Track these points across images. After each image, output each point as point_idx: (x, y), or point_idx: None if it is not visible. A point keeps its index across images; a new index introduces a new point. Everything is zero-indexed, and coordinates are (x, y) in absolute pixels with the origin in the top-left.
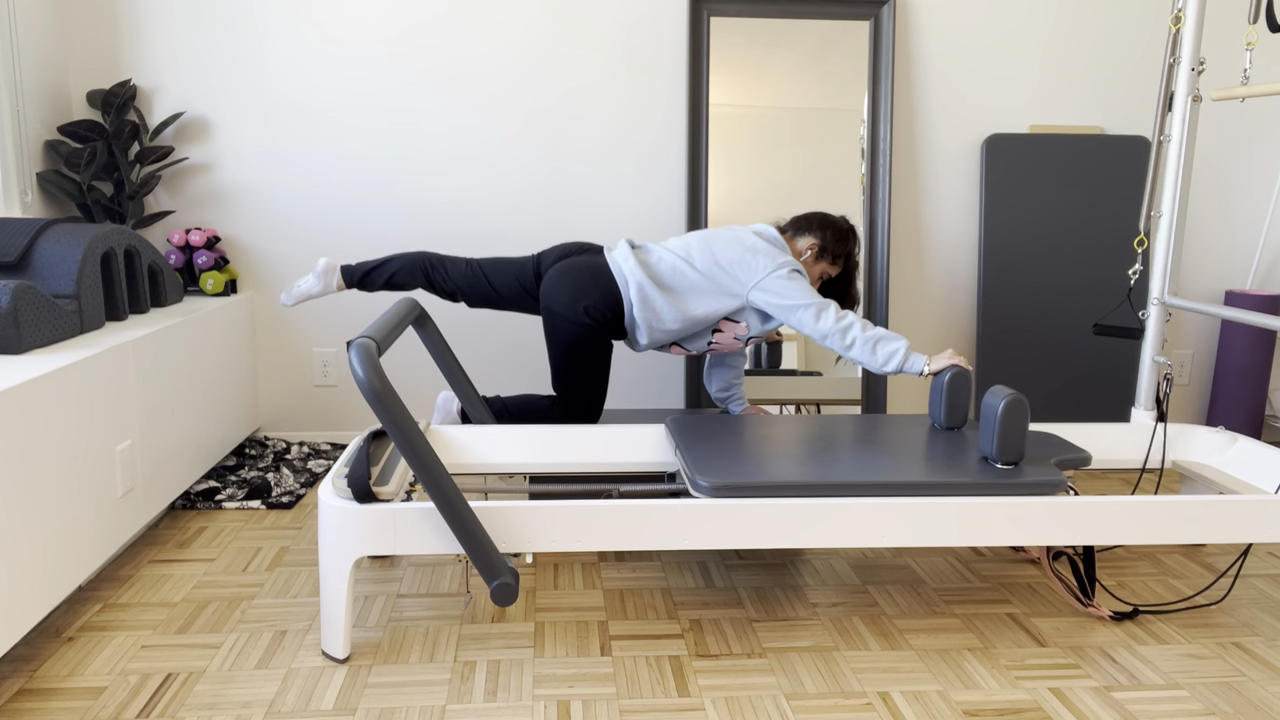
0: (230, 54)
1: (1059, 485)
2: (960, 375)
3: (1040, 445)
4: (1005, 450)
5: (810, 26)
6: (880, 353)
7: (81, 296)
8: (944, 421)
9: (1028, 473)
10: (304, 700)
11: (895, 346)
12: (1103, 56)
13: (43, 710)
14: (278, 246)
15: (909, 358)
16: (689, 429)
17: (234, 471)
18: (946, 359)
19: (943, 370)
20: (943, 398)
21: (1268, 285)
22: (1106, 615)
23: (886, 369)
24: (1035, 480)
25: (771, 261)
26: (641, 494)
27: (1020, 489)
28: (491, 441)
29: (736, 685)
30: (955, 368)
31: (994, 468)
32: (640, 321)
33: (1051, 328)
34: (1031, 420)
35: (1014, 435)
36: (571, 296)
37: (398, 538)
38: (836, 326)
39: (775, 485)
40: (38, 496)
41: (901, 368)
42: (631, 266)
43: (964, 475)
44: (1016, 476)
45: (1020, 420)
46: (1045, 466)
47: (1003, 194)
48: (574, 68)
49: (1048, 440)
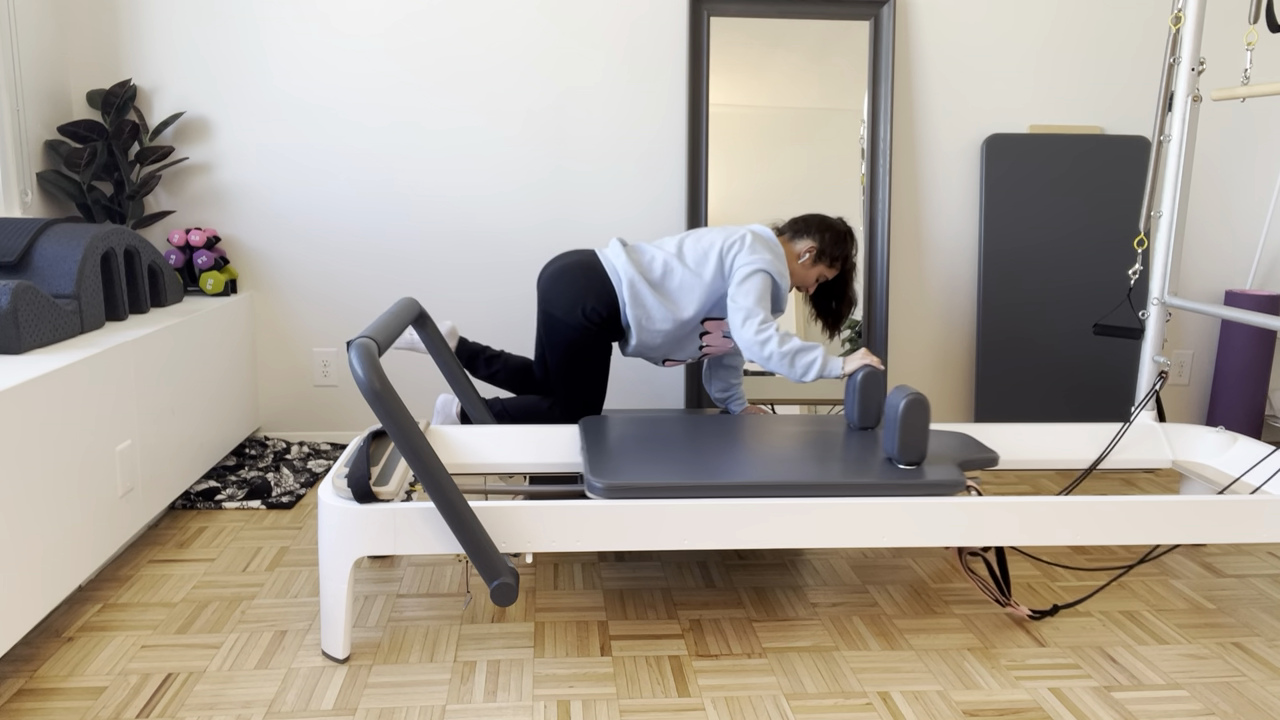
0: (230, 54)
1: (957, 485)
2: (872, 375)
3: (950, 445)
4: (906, 450)
5: (810, 26)
6: (799, 364)
7: (81, 296)
8: (858, 422)
9: (929, 473)
10: (304, 700)
11: (812, 357)
12: (1103, 56)
13: (43, 710)
14: (278, 246)
15: (826, 364)
16: (600, 430)
17: (234, 471)
18: (859, 360)
19: (856, 371)
20: (856, 398)
21: (1268, 285)
22: (1026, 614)
23: (807, 379)
24: (935, 480)
25: (747, 255)
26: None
27: (919, 489)
28: (491, 441)
29: (736, 685)
30: (867, 368)
31: (896, 468)
32: (631, 320)
33: (1052, 328)
34: (1030, 420)
35: (915, 435)
36: (569, 299)
37: (398, 538)
38: (755, 338)
39: (667, 486)
40: (38, 496)
41: (820, 375)
42: (624, 263)
43: (862, 476)
44: (917, 477)
45: (921, 420)
46: (947, 467)
47: (1003, 194)
48: (574, 68)
49: (959, 440)
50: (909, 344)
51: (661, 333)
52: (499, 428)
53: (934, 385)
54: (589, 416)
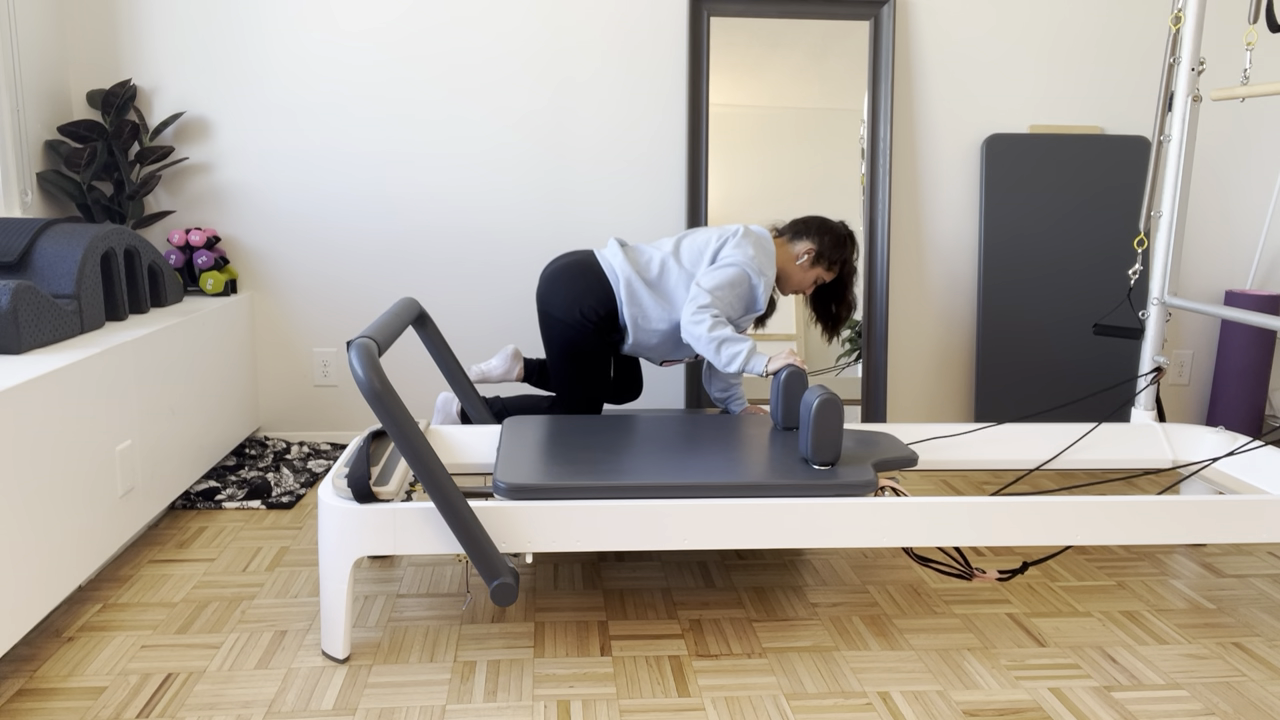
0: (230, 54)
1: (870, 486)
2: (795, 375)
3: (867, 445)
4: (820, 451)
5: (810, 26)
6: (724, 353)
7: (81, 296)
8: (781, 422)
9: (841, 474)
10: (304, 700)
11: (738, 349)
12: (1103, 57)
13: (43, 710)
14: (278, 246)
15: (750, 359)
16: (521, 430)
17: (234, 471)
18: (783, 359)
19: (780, 370)
20: (779, 397)
21: (1268, 285)
22: (994, 577)
23: (730, 369)
24: (847, 481)
25: (732, 250)
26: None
27: (831, 490)
28: (491, 441)
29: (736, 685)
30: (791, 367)
31: (810, 468)
32: (628, 319)
33: (1052, 328)
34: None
35: (828, 436)
36: (568, 300)
37: (398, 538)
38: (691, 317)
39: (570, 487)
40: (38, 496)
41: (744, 368)
42: (621, 263)
43: (775, 476)
44: (830, 478)
45: (834, 420)
46: (861, 467)
47: (1003, 194)
48: (574, 68)
49: (877, 440)
50: (909, 344)
51: (658, 332)
52: (499, 428)
53: (934, 385)
54: (512, 418)
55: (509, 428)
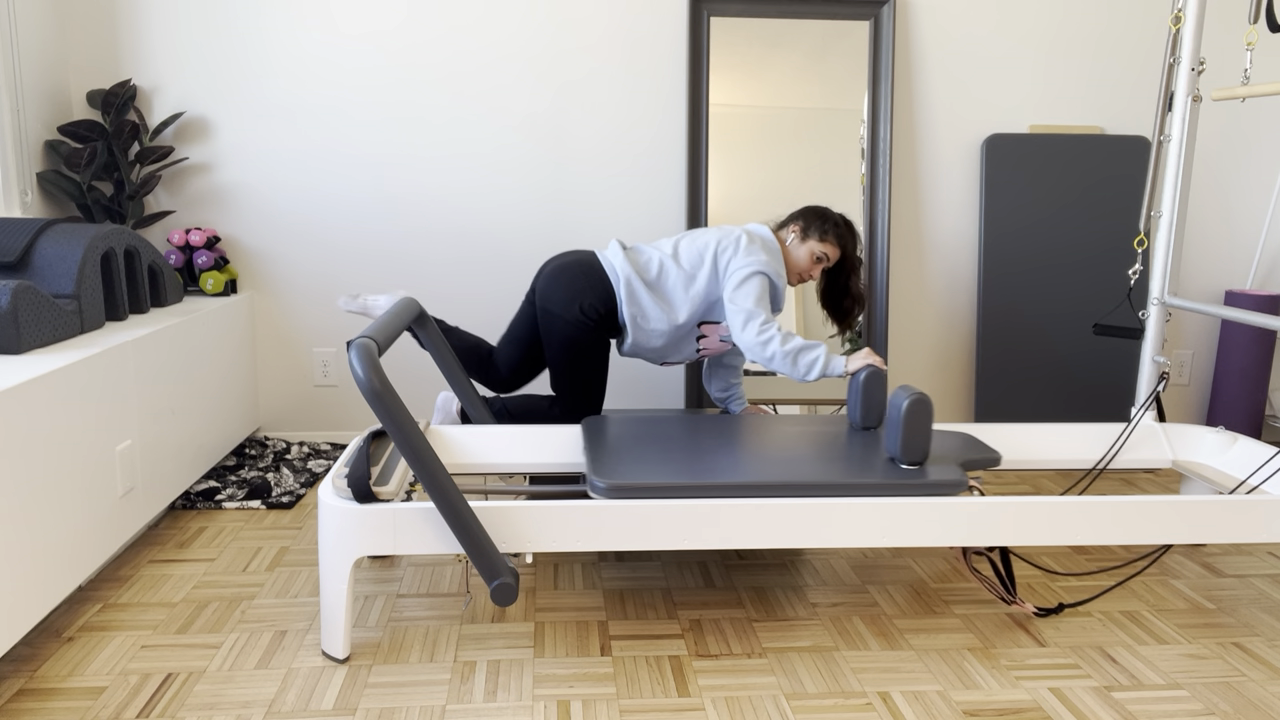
0: (230, 54)
1: (960, 485)
2: (875, 375)
3: (952, 445)
4: (909, 450)
5: (810, 26)
6: (801, 363)
7: (81, 296)
8: (860, 422)
9: (931, 473)
10: (304, 700)
11: (814, 355)
12: (1103, 57)
13: (43, 710)
14: (278, 246)
15: (829, 363)
16: (602, 429)
17: (234, 471)
18: (862, 359)
19: (859, 370)
20: (858, 398)
21: (1268, 285)
22: (1031, 611)
23: (809, 378)
24: (937, 480)
25: (742, 258)
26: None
27: (921, 489)
28: (491, 441)
29: (736, 685)
30: (870, 368)
31: (898, 468)
32: (627, 319)
33: (1051, 328)
34: (1030, 421)
35: (918, 435)
36: (567, 297)
37: (398, 538)
38: (757, 339)
39: (670, 486)
40: (38, 496)
41: (824, 373)
42: (621, 262)
43: (866, 476)
44: (919, 477)
45: (924, 420)
46: (949, 467)
47: (1003, 194)
48: (574, 68)
49: (960, 440)
50: (909, 344)
51: (657, 333)
52: (499, 428)
53: (934, 385)
54: (591, 416)
55: (587, 428)
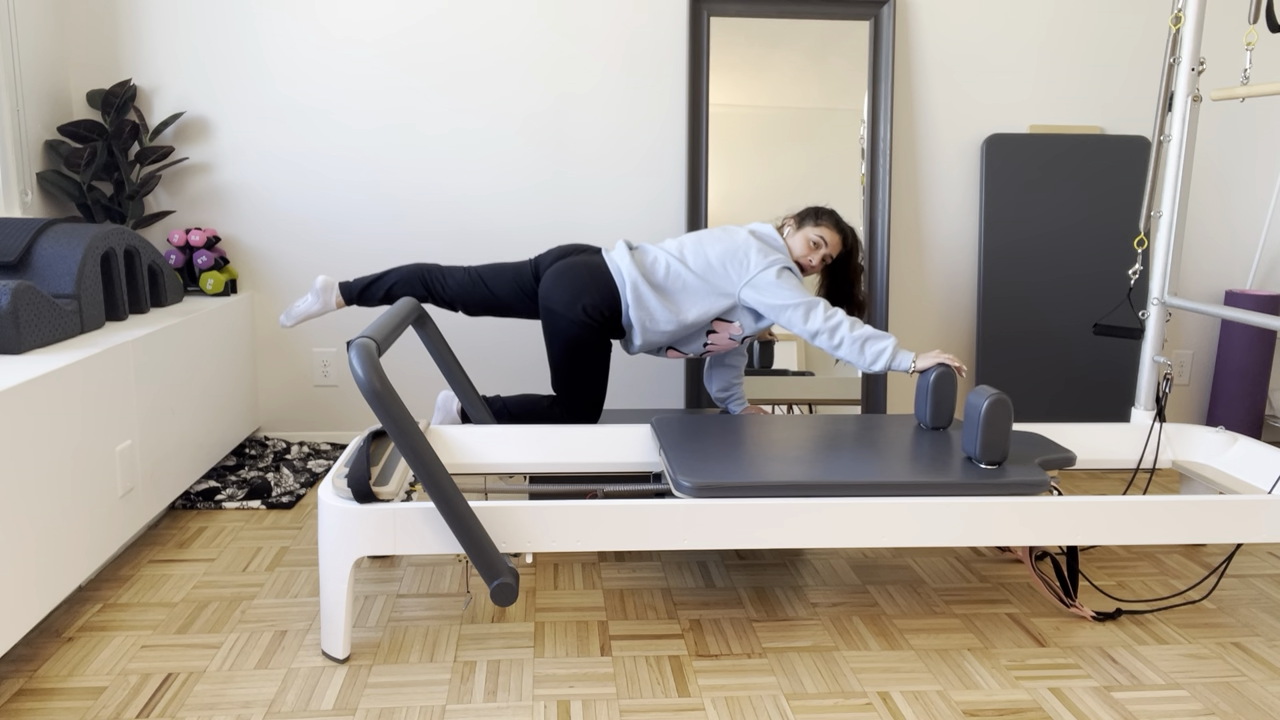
0: (230, 54)
1: (1042, 485)
2: (946, 375)
3: (1025, 445)
4: (989, 450)
5: (810, 26)
6: (869, 351)
7: (81, 296)
8: (929, 422)
9: (1011, 473)
10: (304, 700)
11: (883, 345)
12: (1103, 57)
13: (43, 710)
14: (278, 246)
15: (897, 355)
16: (674, 429)
17: (234, 471)
18: (933, 358)
19: (929, 370)
20: (928, 398)
21: (1268, 285)
22: (1089, 615)
23: (875, 368)
24: (1019, 480)
25: (762, 259)
26: (628, 494)
27: (1004, 489)
28: (491, 441)
29: (736, 685)
30: (942, 367)
31: (978, 468)
32: (635, 321)
33: (1051, 328)
34: (1030, 420)
35: (997, 435)
36: (570, 296)
37: (398, 538)
38: (825, 325)
39: (757, 485)
40: (38, 496)
41: (889, 366)
42: (628, 265)
43: (947, 475)
44: (1000, 476)
45: (1004, 420)
46: (1029, 466)
47: (1003, 194)
48: (574, 68)
49: (1033, 440)
50: (909, 343)
51: (665, 333)
52: (499, 428)
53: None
54: (661, 417)
55: (660, 428)
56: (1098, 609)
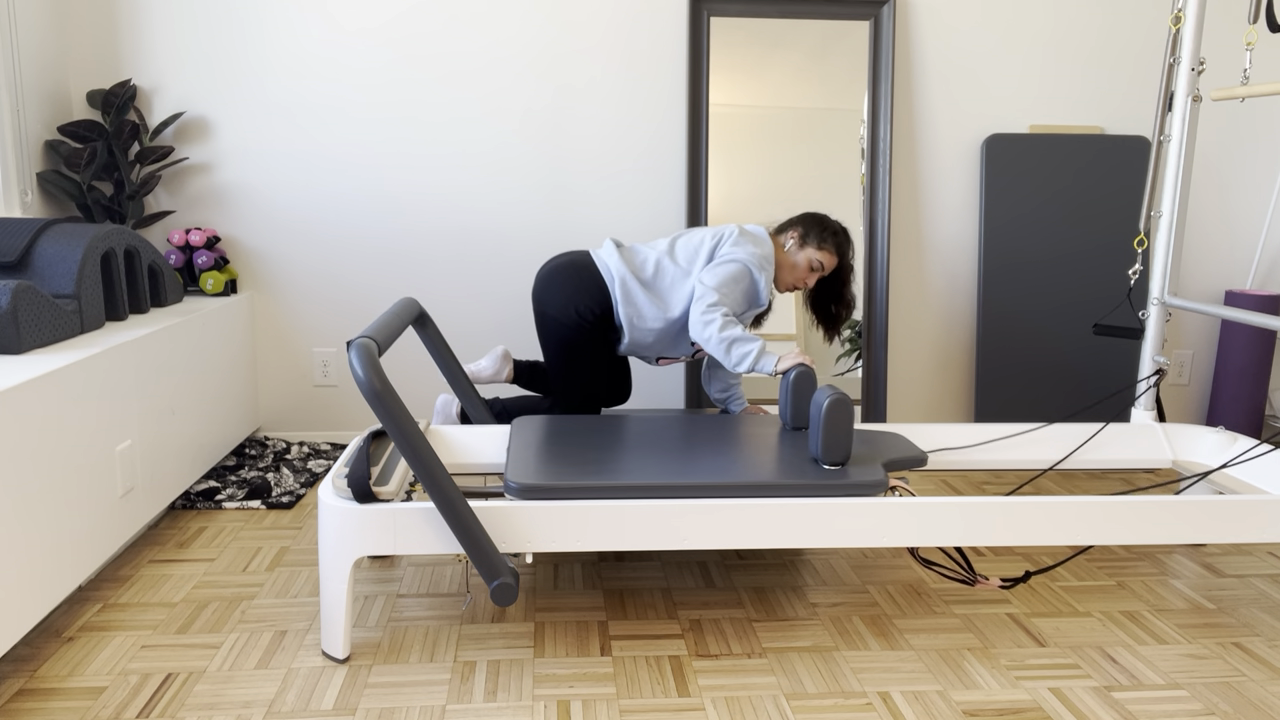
0: (230, 54)
1: (879, 486)
2: (804, 374)
3: (876, 445)
4: (830, 451)
5: (810, 26)
6: (734, 353)
7: (81, 296)
8: (790, 422)
9: (851, 474)
10: (304, 700)
11: (749, 349)
12: (1103, 57)
13: (43, 710)
14: (278, 246)
15: (760, 359)
16: (527, 429)
17: (234, 471)
18: (793, 359)
19: (789, 369)
20: (788, 397)
21: (1268, 285)
22: (997, 584)
23: (739, 369)
24: (856, 481)
25: (731, 247)
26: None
27: (840, 490)
28: (491, 441)
29: (736, 685)
30: (801, 367)
31: (820, 468)
32: (623, 318)
33: (1052, 328)
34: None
35: (838, 436)
36: (563, 298)
37: (398, 538)
38: (701, 317)
39: (581, 487)
40: (38, 496)
41: (753, 368)
42: (616, 262)
43: (783, 476)
44: (839, 478)
45: (844, 420)
46: (870, 467)
47: (1003, 194)
48: (574, 68)
49: (887, 440)
50: (909, 344)
51: (653, 331)
52: (499, 428)
53: (934, 385)
54: (522, 418)
55: (517, 428)
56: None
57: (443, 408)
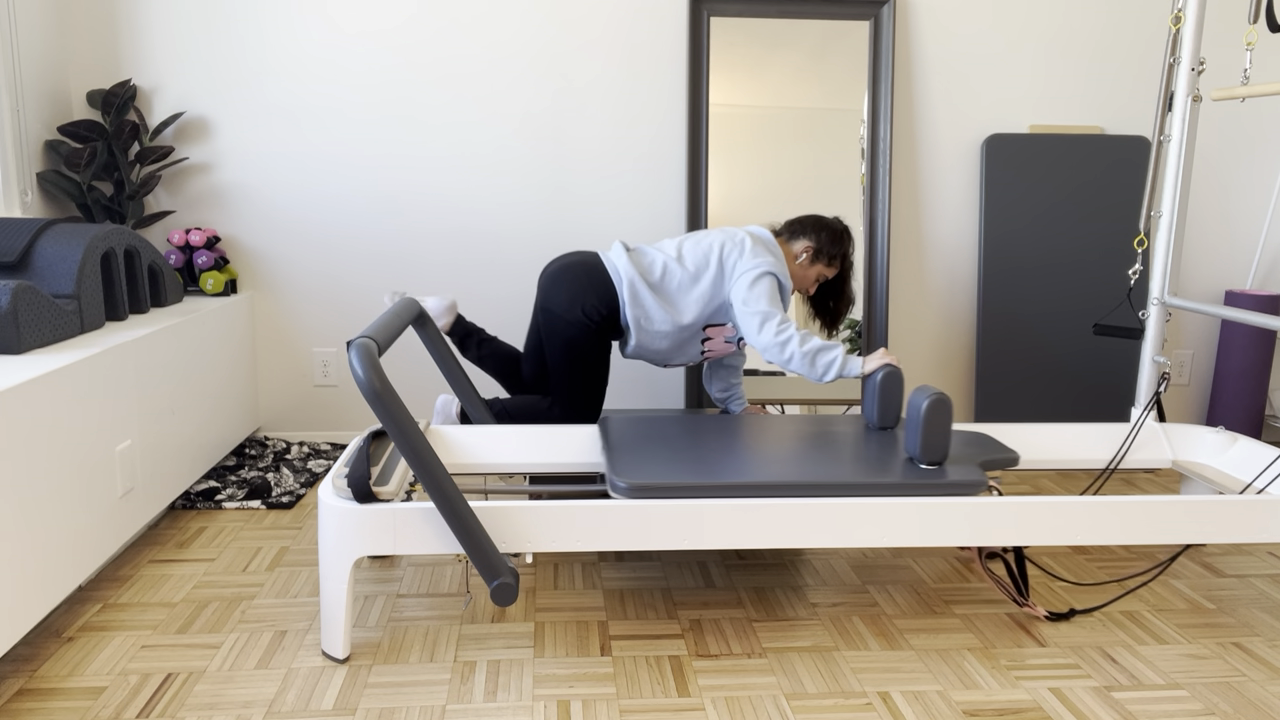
0: (230, 54)
1: (979, 486)
2: (892, 375)
3: (971, 445)
4: (928, 450)
5: (810, 26)
6: (819, 364)
7: (81, 296)
8: (877, 422)
9: (950, 473)
10: (304, 700)
11: (832, 356)
12: (1103, 57)
13: (43, 710)
14: (278, 246)
15: (846, 364)
16: (619, 429)
17: (234, 471)
18: (879, 359)
19: (875, 370)
20: (875, 398)
21: (1268, 285)
22: (1043, 615)
23: (826, 379)
24: (956, 481)
25: (750, 259)
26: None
27: (940, 489)
28: (491, 441)
29: (736, 685)
30: (888, 367)
31: (918, 468)
32: (631, 321)
33: (1052, 327)
34: (1030, 421)
35: (937, 435)
36: (569, 297)
37: (398, 538)
38: (775, 340)
39: (691, 486)
40: (38, 496)
41: (841, 374)
42: (625, 264)
43: (884, 475)
44: (938, 477)
45: (943, 420)
46: (968, 467)
47: (1003, 194)
48: (574, 68)
49: (978, 440)
50: (909, 344)
51: (661, 334)
52: (499, 428)
53: (934, 384)
54: (605, 416)
55: (606, 428)
56: (1051, 609)
57: (443, 408)
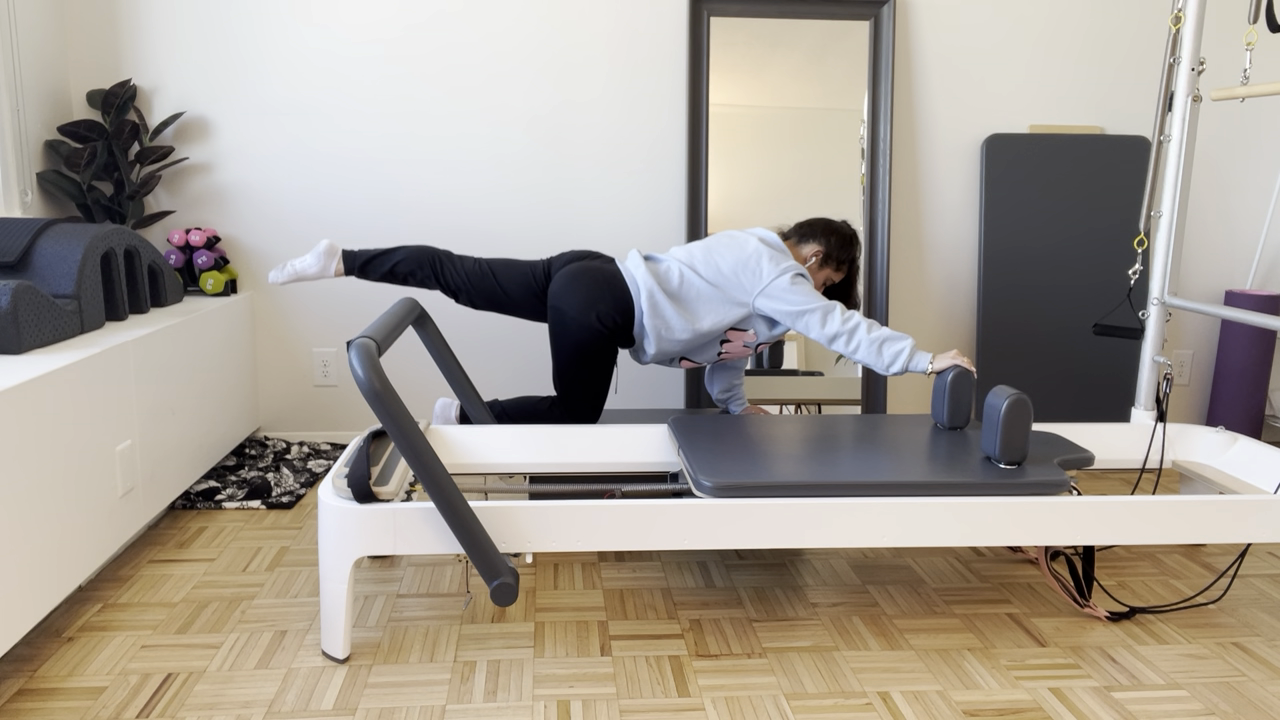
0: (230, 54)
1: (1062, 485)
2: (963, 375)
3: (1043, 445)
4: (1008, 450)
5: (810, 26)
6: (886, 353)
7: (81, 296)
8: (947, 422)
9: (1030, 473)
10: (304, 700)
11: (900, 346)
12: (1103, 57)
13: (43, 710)
14: (278, 247)
15: (914, 357)
16: (691, 429)
17: (234, 471)
18: (950, 359)
19: (946, 370)
20: (945, 398)
21: (1268, 285)
22: (1103, 616)
23: (892, 369)
24: (1038, 480)
25: (775, 267)
26: (643, 494)
27: (1024, 489)
28: (491, 441)
29: (736, 685)
30: (958, 368)
31: (997, 468)
32: (649, 330)
33: (1051, 328)
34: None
35: (1017, 435)
36: (584, 301)
37: (398, 538)
38: (844, 328)
39: (778, 485)
40: (38, 496)
41: (907, 367)
42: (643, 274)
43: (967, 475)
44: (1019, 476)
45: (1023, 420)
46: (1048, 466)
47: (1003, 194)
48: (573, 68)
49: (1051, 440)
50: None
51: (680, 342)
52: (499, 428)
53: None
54: (678, 417)
55: (678, 428)
56: (1111, 609)
57: (442, 411)
